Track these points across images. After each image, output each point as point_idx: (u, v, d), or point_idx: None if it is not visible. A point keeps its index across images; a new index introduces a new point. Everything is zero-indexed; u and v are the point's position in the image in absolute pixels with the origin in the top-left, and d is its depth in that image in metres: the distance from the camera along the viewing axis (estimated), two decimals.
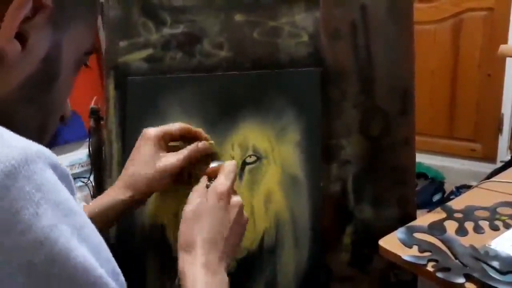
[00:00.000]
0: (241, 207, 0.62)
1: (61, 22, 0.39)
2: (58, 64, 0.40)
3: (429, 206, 2.17)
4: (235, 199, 0.62)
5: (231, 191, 0.62)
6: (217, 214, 0.59)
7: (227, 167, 0.64)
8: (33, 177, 0.27)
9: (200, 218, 0.58)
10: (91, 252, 0.30)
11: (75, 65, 0.43)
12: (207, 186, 0.62)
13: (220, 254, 0.57)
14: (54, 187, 0.29)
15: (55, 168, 0.30)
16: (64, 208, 0.29)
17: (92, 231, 0.32)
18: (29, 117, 0.39)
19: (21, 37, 0.35)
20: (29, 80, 0.38)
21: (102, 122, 1.67)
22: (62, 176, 0.30)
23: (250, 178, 0.85)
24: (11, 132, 0.30)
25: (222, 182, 0.61)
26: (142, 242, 0.85)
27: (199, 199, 0.60)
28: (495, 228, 0.80)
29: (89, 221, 0.32)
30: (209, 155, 0.78)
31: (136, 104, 0.88)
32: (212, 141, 0.77)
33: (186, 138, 0.76)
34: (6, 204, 0.26)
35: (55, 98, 0.42)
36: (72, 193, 0.31)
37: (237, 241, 0.61)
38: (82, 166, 2.59)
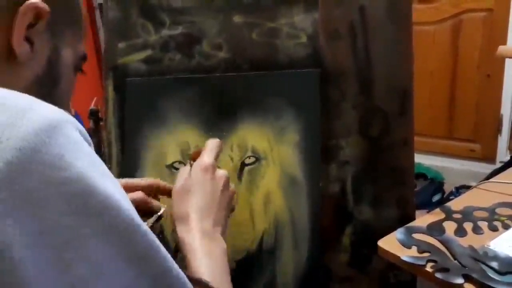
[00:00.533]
0: (226, 179, 0.64)
1: (56, 28, 0.46)
2: (59, 66, 0.47)
3: (429, 206, 2.17)
4: (220, 171, 0.64)
5: (215, 165, 0.64)
6: (205, 185, 0.62)
7: (209, 144, 0.66)
8: (69, 134, 0.34)
9: (189, 192, 0.61)
10: (118, 190, 0.36)
11: (73, 69, 0.50)
12: (191, 165, 0.64)
13: (213, 220, 0.60)
14: (83, 143, 0.36)
15: (82, 133, 0.37)
16: (93, 159, 0.36)
17: (114, 179, 0.38)
18: None
19: (29, 41, 0.43)
20: (38, 79, 0.45)
21: (101, 123, 1.67)
22: (86, 140, 0.37)
23: (249, 179, 0.85)
24: (45, 102, 0.36)
25: (204, 157, 0.64)
26: None
27: (185, 176, 0.63)
28: (494, 229, 0.80)
29: (109, 171, 0.38)
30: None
31: (135, 105, 0.88)
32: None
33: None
34: (51, 148, 0.32)
35: (60, 98, 0.48)
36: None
37: (226, 212, 0.64)
38: None
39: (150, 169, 0.87)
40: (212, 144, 0.66)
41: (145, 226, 0.37)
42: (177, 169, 0.87)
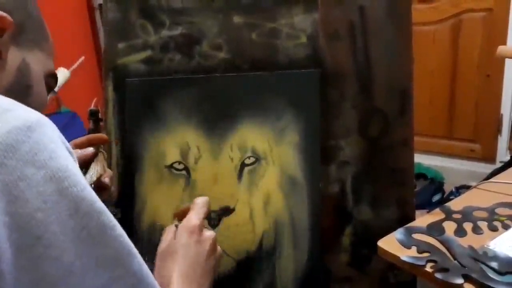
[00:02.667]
0: (213, 240, 0.61)
1: (22, 43, 0.49)
2: (29, 77, 0.49)
3: (429, 206, 2.17)
4: (208, 233, 0.61)
5: (202, 225, 0.61)
6: (190, 249, 0.59)
7: (197, 203, 0.63)
8: (46, 135, 0.35)
9: (174, 255, 0.59)
10: (91, 192, 0.37)
11: (44, 83, 0.52)
12: (176, 226, 0.61)
13: (196, 287, 0.57)
14: (61, 145, 0.36)
15: (61, 138, 0.37)
16: (67, 161, 0.36)
17: (86, 182, 0.38)
18: None
19: None
20: (11, 87, 0.47)
21: (101, 124, 1.67)
22: (64, 143, 0.38)
23: (249, 179, 0.85)
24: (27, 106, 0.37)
25: (192, 218, 0.61)
26: (141, 245, 0.85)
27: (170, 237, 0.61)
28: (493, 229, 0.80)
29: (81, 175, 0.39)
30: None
31: (135, 105, 0.89)
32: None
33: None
34: (27, 145, 0.33)
35: (33, 105, 0.48)
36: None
37: (210, 276, 0.61)
38: None
39: (149, 169, 0.87)
40: (200, 202, 0.63)
41: (121, 229, 0.37)
42: (177, 169, 0.87)
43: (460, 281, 0.66)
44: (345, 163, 0.86)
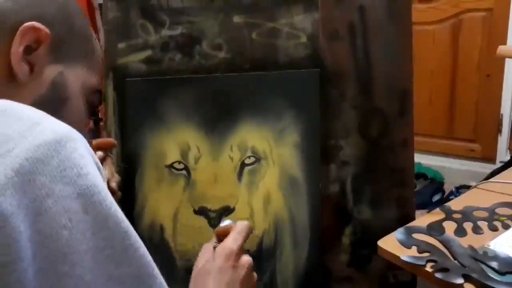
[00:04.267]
0: (250, 266, 0.60)
1: (61, 57, 0.48)
2: (65, 89, 0.48)
3: (429, 206, 2.17)
4: (245, 258, 0.60)
5: (240, 251, 0.60)
6: (225, 273, 0.58)
7: (238, 227, 0.62)
8: (76, 150, 0.35)
9: (209, 275, 0.58)
10: (119, 211, 0.37)
11: (83, 98, 0.51)
12: (215, 247, 0.61)
13: None
14: (90, 161, 0.36)
15: (90, 153, 0.37)
16: (96, 179, 0.36)
17: (113, 200, 0.38)
18: None
19: (29, 63, 0.45)
20: (42, 99, 0.46)
21: (101, 123, 1.67)
22: (95, 162, 0.38)
23: (249, 179, 0.85)
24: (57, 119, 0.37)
25: (230, 242, 0.60)
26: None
27: (206, 258, 0.60)
28: (494, 229, 0.80)
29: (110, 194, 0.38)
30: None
31: (135, 105, 0.88)
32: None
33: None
34: (56, 161, 0.33)
35: (69, 121, 0.47)
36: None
37: None
38: None
39: (149, 168, 0.87)
40: (241, 227, 0.62)
41: (144, 249, 0.37)
42: (177, 169, 0.87)
43: (460, 281, 0.66)
44: (345, 163, 0.86)
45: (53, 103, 0.47)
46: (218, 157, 0.85)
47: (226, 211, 0.85)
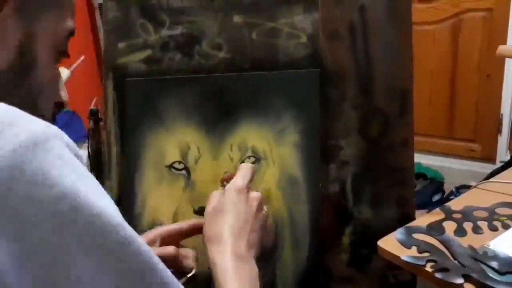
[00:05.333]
0: (260, 200, 0.63)
1: (29, 13, 0.43)
2: (33, 51, 0.44)
3: (429, 206, 2.17)
4: (253, 193, 0.63)
5: (249, 187, 0.63)
6: (238, 207, 0.60)
7: (243, 168, 0.65)
8: (53, 150, 0.33)
9: (223, 212, 0.60)
10: (109, 205, 0.35)
11: (53, 51, 0.47)
12: (223, 187, 0.64)
13: (246, 243, 0.58)
14: (71, 158, 0.34)
15: (69, 147, 0.35)
16: (81, 173, 0.34)
17: (104, 192, 0.36)
18: (20, 99, 0.42)
19: None
20: (11, 66, 0.43)
21: (101, 123, 1.67)
22: (75, 154, 0.36)
23: None
24: (31, 116, 0.35)
25: (239, 180, 0.63)
26: None
27: (218, 197, 0.62)
28: (493, 229, 0.80)
29: (99, 185, 0.37)
30: None
31: (135, 105, 0.88)
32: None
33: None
34: (35, 164, 0.31)
35: (40, 82, 0.46)
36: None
37: (259, 234, 0.62)
38: None
39: (149, 169, 0.87)
40: (245, 167, 0.65)
41: (140, 242, 0.35)
42: (177, 169, 0.87)
43: (460, 281, 0.66)
44: (345, 163, 0.86)
45: (22, 69, 0.44)
46: (218, 157, 0.85)
47: None
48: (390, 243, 0.78)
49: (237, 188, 0.61)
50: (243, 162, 0.86)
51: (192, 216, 0.85)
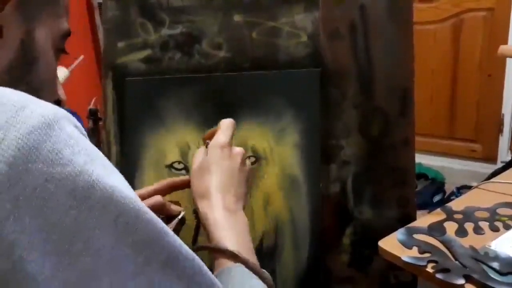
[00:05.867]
0: (242, 156, 0.64)
1: (29, 11, 0.45)
2: (34, 49, 0.46)
3: (430, 206, 2.17)
4: (236, 149, 0.65)
5: (231, 143, 0.65)
6: (223, 163, 0.62)
7: (223, 124, 0.67)
8: (65, 129, 0.34)
9: (208, 169, 0.62)
10: (120, 180, 0.37)
11: (53, 49, 0.49)
12: (206, 146, 0.65)
13: (234, 196, 0.60)
14: (81, 137, 0.36)
15: (78, 127, 0.37)
16: (92, 152, 0.36)
17: (114, 168, 0.38)
18: None
19: None
20: (13, 63, 0.44)
21: (100, 123, 1.67)
22: (83, 134, 0.37)
23: None
24: (39, 99, 0.36)
25: (221, 136, 0.64)
26: None
27: (202, 155, 0.64)
28: (495, 229, 0.80)
29: (109, 161, 0.38)
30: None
31: (134, 105, 0.88)
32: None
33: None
34: (49, 145, 0.32)
35: (40, 79, 0.48)
36: None
37: (245, 188, 0.64)
38: None
39: (149, 169, 0.87)
40: (226, 124, 0.66)
41: (150, 213, 0.37)
42: (176, 169, 0.87)
43: (461, 281, 0.66)
44: (345, 163, 0.86)
45: (23, 66, 0.45)
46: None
47: None
48: (391, 243, 0.78)
49: (220, 145, 0.63)
50: None
51: (191, 216, 0.85)
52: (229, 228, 0.56)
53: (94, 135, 1.68)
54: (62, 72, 1.72)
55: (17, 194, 0.31)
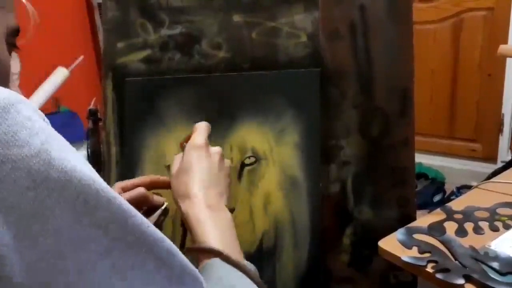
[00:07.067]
0: (221, 154, 0.65)
1: None
2: None
3: (430, 206, 2.17)
4: (214, 148, 0.65)
5: (207, 143, 0.65)
6: (202, 163, 0.62)
7: (198, 126, 0.67)
8: (22, 112, 0.34)
9: (187, 170, 0.62)
10: (79, 160, 0.36)
11: (4, 43, 0.48)
12: (183, 149, 0.66)
13: (216, 193, 0.61)
14: (38, 120, 0.35)
15: (37, 112, 0.36)
16: (50, 134, 0.35)
17: (74, 149, 0.37)
18: None
19: None
20: None
21: (100, 123, 1.67)
22: (43, 119, 0.37)
23: (249, 179, 0.85)
24: None
25: (196, 137, 0.65)
26: None
27: (180, 158, 0.64)
28: (495, 229, 0.80)
29: (69, 144, 0.38)
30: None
31: (134, 105, 0.88)
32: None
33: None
34: (4, 127, 0.32)
35: None
36: None
37: (226, 183, 0.65)
38: None
39: (149, 169, 0.87)
40: (201, 126, 0.67)
41: (113, 192, 0.37)
42: None
43: (461, 281, 0.66)
44: (345, 163, 0.86)
45: None
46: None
47: None
48: (391, 243, 0.78)
49: (196, 146, 0.63)
50: (243, 162, 0.85)
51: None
52: (212, 226, 0.56)
53: (94, 136, 1.67)
54: (62, 73, 1.72)
55: None
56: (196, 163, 0.62)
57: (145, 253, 0.38)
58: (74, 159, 0.35)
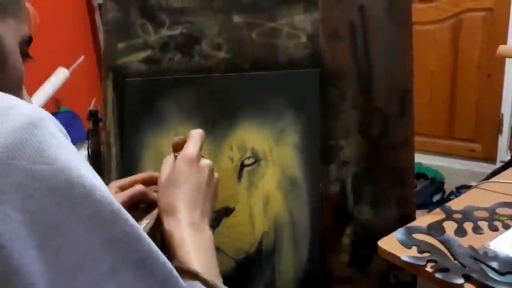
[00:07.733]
0: (210, 169, 0.65)
1: None
2: (4, 53, 0.47)
3: (429, 206, 2.17)
4: (204, 162, 0.65)
5: (200, 156, 0.65)
6: (191, 178, 0.62)
7: (193, 134, 0.67)
8: (49, 129, 0.36)
9: (176, 184, 0.62)
10: (97, 179, 0.38)
11: (20, 55, 0.50)
12: (175, 157, 0.65)
13: (200, 212, 0.61)
14: (62, 137, 0.37)
15: (59, 127, 0.38)
16: (71, 151, 0.37)
17: (91, 167, 0.39)
18: None
19: None
20: None
21: (100, 124, 1.67)
22: (64, 134, 0.39)
23: (248, 180, 0.85)
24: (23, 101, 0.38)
25: (190, 149, 0.65)
26: None
27: (170, 168, 0.64)
28: (494, 229, 0.80)
29: (86, 161, 0.40)
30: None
31: (134, 105, 0.88)
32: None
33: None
34: (34, 143, 0.34)
35: (10, 79, 0.49)
36: None
37: (212, 202, 0.65)
38: None
39: (149, 169, 0.87)
40: (195, 134, 0.67)
41: (126, 214, 0.38)
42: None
43: (460, 281, 0.66)
44: (345, 163, 0.86)
45: None
46: (218, 157, 0.85)
47: (226, 211, 0.85)
48: (391, 243, 0.78)
49: (188, 159, 0.63)
50: (243, 162, 0.86)
51: None
52: (194, 248, 0.57)
53: (94, 136, 1.68)
54: (62, 73, 1.72)
55: (2, 188, 0.32)
56: (185, 178, 0.62)
57: (149, 276, 0.39)
58: (93, 178, 0.37)
